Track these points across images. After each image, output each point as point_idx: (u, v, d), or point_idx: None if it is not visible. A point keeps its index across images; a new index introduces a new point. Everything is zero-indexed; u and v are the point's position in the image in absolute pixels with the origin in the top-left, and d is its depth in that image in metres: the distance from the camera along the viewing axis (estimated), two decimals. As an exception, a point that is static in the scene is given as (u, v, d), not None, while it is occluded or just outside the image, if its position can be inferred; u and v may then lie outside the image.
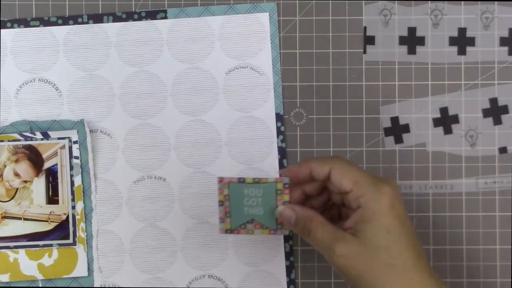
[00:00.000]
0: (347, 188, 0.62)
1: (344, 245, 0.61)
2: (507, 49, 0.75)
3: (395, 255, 0.60)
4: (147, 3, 0.74)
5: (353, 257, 0.60)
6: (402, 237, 0.61)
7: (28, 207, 0.73)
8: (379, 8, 0.75)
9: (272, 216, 0.66)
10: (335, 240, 0.61)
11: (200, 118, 0.74)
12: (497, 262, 0.75)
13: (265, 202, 0.66)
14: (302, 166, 0.65)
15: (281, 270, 0.74)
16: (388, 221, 0.61)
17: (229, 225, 0.66)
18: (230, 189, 0.66)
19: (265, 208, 0.66)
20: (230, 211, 0.66)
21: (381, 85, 0.75)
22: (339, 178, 0.63)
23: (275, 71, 0.74)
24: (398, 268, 0.60)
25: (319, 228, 0.63)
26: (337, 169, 0.63)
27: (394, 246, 0.60)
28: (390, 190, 0.62)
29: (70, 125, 0.73)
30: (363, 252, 0.60)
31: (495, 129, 0.75)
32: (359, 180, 0.62)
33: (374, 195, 0.62)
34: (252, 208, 0.66)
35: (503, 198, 0.75)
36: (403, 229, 0.61)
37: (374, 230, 0.61)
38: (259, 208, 0.66)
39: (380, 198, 0.61)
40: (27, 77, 0.74)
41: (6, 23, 0.74)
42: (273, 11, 0.74)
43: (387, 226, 0.61)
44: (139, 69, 0.74)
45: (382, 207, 0.61)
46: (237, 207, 0.66)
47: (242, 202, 0.66)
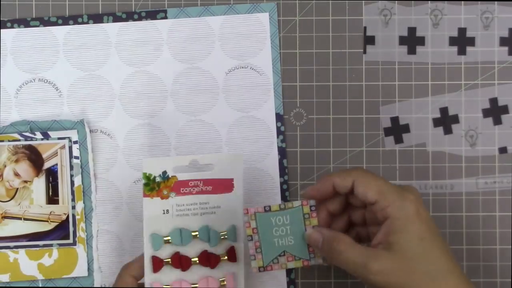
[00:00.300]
0: (372, 200, 0.62)
1: (379, 262, 0.60)
2: (507, 49, 0.75)
3: (432, 262, 0.60)
4: (147, 3, 0.74)
5: (391, 271, 0.59)
6: (435, 243, 0.60)
7: (28, 207, 0.73)
8: (379, 8, 0.75)
9: (303, 245, 0.65)
10: (369, 258, 0.60)
11: (200, 118, 0.74)
12: (497, 262, 0.75)
13: (294, 229, 0.65)
14: (324, 182, 0.64)
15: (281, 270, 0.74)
16: (419, 228, 0.60)
17: (261, 261, 0.65)
18: (257, 221, 0.65)
19: (295, 236, 0.65)
20: (260, 246, 0.65)
21: (381, 85, 0.75)
22: (364, 190, 0.62)
23: (275, 71, 0.74)
24: (437, 275, 0.59)
25: (349, 248, 0.62)
26: (360, 181, 0.63)
27: (430, 253, 0.60)
28: (414, 197, 0.61)
29: (70, 125, 0.73)
30: (400, 264, 0.60)
31: (495, 129, 0.75)
32: (384, 190, 0.62)
33: (400, 204, 0.61)
34: (282, 238, 0.65)
35: (503, 198, 0.75)
36: (435, 234, 0.61)
37: (407, 239, 0.60)
38: (289, 238, 0.65)
39: (407, 206, 0.61)
40: (27, 77, 0.74)
41: (6, 23, 0.74)
42: (273, 11, 0.74)
43: (419, 233, 0.60)
44: (139, 69, 0.74)
45: (410, 215, 0.60)
46: (267, 240, 0.65)
47: (271, 233, 0.65)
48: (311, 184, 0.74)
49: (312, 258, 0.66)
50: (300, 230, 0.65)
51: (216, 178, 0.69)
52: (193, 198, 0.69)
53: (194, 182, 0.69)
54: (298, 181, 0.74)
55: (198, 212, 0.70)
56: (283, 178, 0.74)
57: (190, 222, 0.70)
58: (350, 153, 0.74)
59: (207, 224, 0.70)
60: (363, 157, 0.74)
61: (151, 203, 0.68)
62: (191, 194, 0.69)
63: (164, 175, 0.64)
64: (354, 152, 0.74)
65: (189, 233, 0.70)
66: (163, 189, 0.64)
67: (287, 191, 0.74)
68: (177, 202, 0.68)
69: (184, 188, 0.69)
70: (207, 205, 0.70)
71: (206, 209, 0.70)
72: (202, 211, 0.70)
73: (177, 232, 0.69)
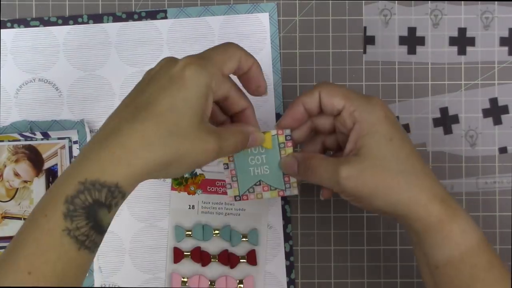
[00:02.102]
0: (339, 106, 0.60)
1: (349, 166, 0.58)
2: (507, 49, 0.75)
3: (402, 161, 0.58)
4: (147, 3, 0.74)
5: (362, 174, 0.58)
6: (405, 143, 0.59)
7: (28, 207, 0.73)
8: (379, 8, 0.75)
9: (279, 174, 0.64)
10: (339, 165, 0.59)
11: (200, 118, 0.74)
12: (497, 262, 0.75)
13: (270, 158, 0.64)
14: (294, 106, 0.63)
15: (281, 270, 0.74)
16: (387, 129, 0.59)
17: (237, 190, 0.64)
18: None
19: (270, 166, 0.64)
20: (236, 174, 0.64)
21: (381, 85, 0.75)
22: (330, 98, 0.61)
23: (275, 71, 0.74)
24: (408, 173, 0.58)
25: (320, 162, 0.60)
26: (325, 91, 0.61)
27: (399, 152, 0.58)
28: (380, 101, 0.60)
29: (70, 125, 0.73)
30: (370, 165, 0.58)
31: (495, 129, 0.75)
32: (349, 95, 0.60)
33: (367, 107, 0.60)
34: (257, 167, 0.64)
35: (503, 198, 0.75)
36: (403, 135, 0.59)
37: (376, 140, 0.59)
38: (264, 167, 0.64)
39: (374, 109, 0.59)
40: (27, 77, 0.74)
41: (6, 23, 0.74)
42: (273, 11, 0.74)
43: (387, 134, 0.59)
44: (139, 69, 0.74)
45: (378, 117, 0.59)
46: (242, 169, 0.64)
47: (247, 161, 0.64)
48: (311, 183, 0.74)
49: (288, 189, 0.64)
50: (276, 159, 0.64)
51: None
52: (219, 197, 0.72)
53: (221, 183, 0.73)
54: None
55: (223, 212, 0.73)
56: (283, 178, 0.74)
57: (213, 220, 0.73)
58: (350, 153, 0.74)
59: (230, 224, 0.73)
60: (363, 157, 0.74)
61: (178, 197, 0.71)
62: (217, 193, 0.73)
63: (192, 172, 0.64)
64: (354, 152, 0.74)
65: (211, 230, 0.73)
66: (190, 185, 0.66)
67: (287, 191, 0.74)
68: (203, 199, 0.70)
69: (210, 187, 0.72)
70: (232, 206, 0.73)
71: (231, 210, 0.73)
72: (226, 211, 0.73)
73: (200, 227, 0.72)
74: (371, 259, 0.75)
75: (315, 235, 0.75)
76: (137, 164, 0.52)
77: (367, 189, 0.58)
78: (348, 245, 0.74)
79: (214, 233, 0.73)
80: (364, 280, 0.74)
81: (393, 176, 0.58)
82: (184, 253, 0.73)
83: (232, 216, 0.73)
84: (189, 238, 0.73)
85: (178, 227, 0.73)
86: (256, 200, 0.65)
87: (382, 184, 0.58)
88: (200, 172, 0.72)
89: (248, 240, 0.73)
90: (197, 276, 0.72)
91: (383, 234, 0.75)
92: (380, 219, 0.75)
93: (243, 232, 0.73)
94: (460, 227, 0.57)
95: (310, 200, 0.74)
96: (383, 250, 0.74)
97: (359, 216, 0.74)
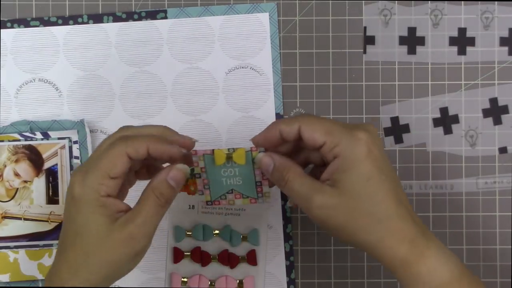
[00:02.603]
0: (320, 141, 0.59)
1: (323, 196, 0.58)
2: (507, 49, 0.75)
3: (376, 203, 0.58)
4: (147, 3, 0.74)
5: (333, 207, 0.58)
6: (382, 184, 0.58)
7: (28, 207, 0.73)
8: (379, 8, 0.75)
9: (252, 185, 0.63)
10: (314, 191, 0.58)
11: (200, 118, 0.74)
12: (497, 262, 0.75)
13: (243, 172, 0.63)
14: (271, 130, 0.61)
15: (281, 270, 0.74)
16: (367, 168, 0.58)
17: (209, 196, 0.64)
18: (206, 161, 0.62)
19: (243, 177, 0.63)
20: (208, 183, 0.63)
21: (381, 85, 0.75)
22: (310, 133, 0.59)
23: (275, 71, 0.74)
24: (380, 216, 0.58)
25: (297, 178, 0.60)
26: (306, 124, 0.60)
27: (374, 194, 0.58)
28: (365, 136, 0.59)
29: (70, 125, 0.73)
30: (344, 202, 0.58)
31: (495, 129, 0.75)
32: (332, 130, 0.59)
33: (349, 142, 0.58)
34: (230, 178, 0.63)
35: (503, 198, 0.75)
36: (383, 175, 0.58)
37: (353, 179, 0.58)
38: (237, 178, 0.63)
39: (356, 145, 0.58)
40: (27, 77, 0.74)
41: (6, 23, 0.74)
42: (273, 11, 0.74)
43: (365, 173, 0.58)
44: (139, 69, 0.74)
45: (359, 154, 0.58)
46: (214, 179, 0.63)
47: (219, 173, 0.63)
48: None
49: (260, 198, 0.64)
50: (249, 172, 0.63)
51: None
52: None
53: None
54: (298, 181, 0.74)
55: (223, 212, 0.73)
56: (283, 178, 0.74)
57: (213, 220, 0.73)
58: (350, 153, 0.74)
59: (230, 224, 0.73)
60: (363, 157, 0.74)
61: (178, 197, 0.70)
62: None
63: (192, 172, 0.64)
64: (354, 152, 0.74)
65: (211, 230, 0.73)
66: (190, 185, 0.65)
67: (287, 191, 0.74)
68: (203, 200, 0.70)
69: None
70: (232, 206, 0.73)
71: (231, 210, 0.73)
72: (226, 211, 0.73)
73: (200, 227, 0.72)
74: (371, 259, 0.74)
75: (315, 235, 0.74)
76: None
77: (337, 223, 0.58)
78: (348, 245, 0.74)
79: (214, 233, 0.73)
80: (364, 280, 0.74)
81: (365, 217, 0.58)
82: (184, 253, 0.73)
83: (232, 216, 0.73)
84: (189, 238, 0.73)
85: (178, 227, 0.73)
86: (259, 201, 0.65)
87: (352, 222, 0.58)
88: (200, 172, 0.72)
89: (248, 240, 0.73)
90: (197, 276, 0.72)
91: (383, 234, 0.75)
92: (380, 219, 0.75)
93: (243, 232, 0.73)
94: (427, 267, 0.57)
95: (310, 200, 0.74)
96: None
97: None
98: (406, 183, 0.74)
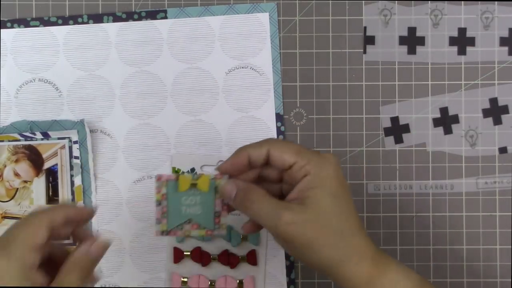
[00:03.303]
0: (290, 161, 0.60)
1: (292, 212, 0.59)
2: (507, 49, 0.75)
3: (343, 220, 0.59)
4: (147, 3, 0.74)
5: (303, 223, 0.58)
6: (347, 203, 0.60)
7: (28, 207, 0.73)
8: (379, 8, 0.75)
9: (210, 215, 0.63)
10: (282, 208, 0.59)
11: (200, 118, 0.74)
12: (497, 262, 0.75)
13: (204, 200, 0.63)
14: (239, 155, 0.62)
15: (281, 270, 0.74)
16: (335, 186, 0.60)
17: (165, 226, 0.63)
18: (168, 187, 0.62)
19: (203, 206, 0.63)
20: (167, 211, 0.63)
21: (381, 85, 0.75)
22: (280, 154, 0.60)
23: (275, 71, 0.74)
24: (347, 233, 0.59)
25: (262, 198, 0.60)
26: (275, 147, 0.61)
27: (342, 211, 0.60)
28: (333, 159, 0.61)
29: (70, 125, 0.73)
30: (313, 218, 0.59)
31: (495, 129, 0.75)
32: (300, 151, 0.60)
33: (319, 161, 0.60)
34: (189, 207, 0.63)
35: (503, 198, 0.75)
36: (347, 196, 0.60)
37: (322, 195, 0.59)
38: (197, 207, 0.63)
39: (325, 164, 0.60)
40: (27, 77, 0.74)
41: (6, 23, 0.74)
42: (273, 11, 0.74)
43: (334, 191, 0.59)
44: (139, 69, 0.74)
45: (328, 172, 0.60)
46: (174, 207, 0.63)
47: (180, 201, 0.63)
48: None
49: (217, 229, 0.64)
50: (210, 201, 0.63)
51: None
52: None
53: None
54: (298, 181, 0.74)
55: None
56: (283, 178, 0.74)
57: None
58: (350, 153, 0.74)
59: (230, 224, 0.73)
60: (363, 157, 0.74)
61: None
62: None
63: (192, 171, 0.64)
64: (354, 152, 0.74)
65: None
66: None
67: (287, 191, 0.74)
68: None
69: None
70: None
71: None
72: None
73: None
74: (371, 259, 0.75)
75: (315, 235, 0.74)
76: None
77: (305, 240, 0.59)
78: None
79: None
80: (364, 280, 0.74)
81: (332, 233, 0.59)
82: (184, 253, 0.73)
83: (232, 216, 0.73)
84: (189, 238, 0.73)
85: None
86: None
87: (320, 238, 0.59)
88: (200, 172, 0.72)
89: (248, 240, 0.73)
90: (197, 276, 0.72)
91: (383, 234, 0.75)
92: (380, 219, 0.75)
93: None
94: (390, 280, 0.59)
95: (310, 200, 0.74)
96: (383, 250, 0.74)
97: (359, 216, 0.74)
98: (406, 183, 0.75)
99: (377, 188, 0.75)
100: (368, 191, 0.75)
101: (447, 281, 0.74)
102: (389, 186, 0.75)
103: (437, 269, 0.74)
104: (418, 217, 0.75)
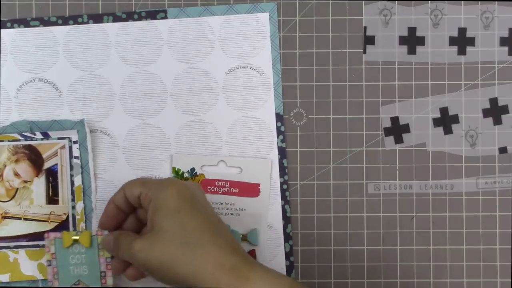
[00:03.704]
0: (137, 192, 0.64)
1: (141, 240, 0.62)
2: (507, 49, 0.75)
3: (188, 232, 0.61)
4: (147, 3, 0.74)
5: (151, 247, 0.61)
6: (194, 216, 0.61)
7: (28, 207, 0.73)
8: (379, 8, 0.75)
9: (97, 275, 0.67)
10: (135, 238, 0.63)
11: (200, 118, 0.74)
12: (497, 262, 0.75)
13: (89, 259, 0.67)
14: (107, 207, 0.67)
15: (281, 270, 0.74)
16: (176, 203, 0.62)
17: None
18: (56, 246, 0.67)
19: (89, 265, 0.67)
20: (57, 272, 0.67)
21: (381, 85, 0.75)
22: (130, 190, 0.65)
23: (275, 71, 0.74)
24: (194, 245, 0.60)
25: (125, 237, 0.64)
26: (127, 185, 0.66)
27: (186, 224, 0.61)
28: (174, 180, 0.64)
29: (70, 125, 0.73)
30: (159, 238, 0.61)
31: (495, 129, 0.75)
32: (145, 182, 0.64)
33: (159, 185, 0.63)
34: (77, 266, 0.67)
35: (503, 198, 0.75)
36: (194, 209, 0.62)
37: (164, 214, 0.61)
38: (84, 267, 0.67)
39: (166, 187, 0.63)
40: (27, 77, 0.74)
41: (6, 23, 0.74)
42: (273, 11, 0.74)
43: (175, 207, 0.61)
44: (139, 69, 0.74)
45: (168, 193, 0.62)
46: (63, 267, 0.67)
47: (68, 260, 0.67)
48: (311, 184, 0.74)
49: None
50: (95, 259, 0.67)
51: (243, 181, 0.72)
52: (219, 197, 0.72)
53: (221, 183, 0.73)
54: (298, 181, 0.74)
55: (223, 212, 0.73)
56: (283, 178, 0.74)
57: None
58: (350, 153, 0.74)
59: (230, 224, 0.73)
60: (363, 157, 0.74)
61: None
62: (217, 193, 0.72)
63: (192, 171, 0.65)
64: (354, 152, 0.74)
65: None
66: None
67: (287, 191, 0.74)
68: None
69: (211, 187, 0.72)
70: (232, 206, 0.73)
71: (231, 210, 0.73)
72: (226, 211, 0.73)
73: None
74: (371, 259, 0.75)
75: (315, 235, 0.75)
76: None
77: (156, 261, 0.60)
78: (348, 245, 0.74)
79: None
80: (364, 280, 0.74)
81: (178, 247, 0.60)
82: None
83: (232, 216, 0.73)
84: None
85: None
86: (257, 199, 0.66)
87: (168, 255, 0.60)
88: (200, 172, 0.72)
89: (248, 240, 0.73)
90: None
91: (383, 234, 0.75)
92: (380, 219, 0.75)
93: (243, 232, 0.73)
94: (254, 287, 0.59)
95: (310, 200, 0.74)
96: (383, 250, 0.74)
97: (359, 216, 0.74)
98: (406, 183, 0.75)
99: (377, 188, 0.75)
100: (368, 191, 0.75)
101: (447, 281, 0.74)
102: (389, 186, 0.75)
103: (436, 269, 0.74)
104: (418, 217, 0.75)
